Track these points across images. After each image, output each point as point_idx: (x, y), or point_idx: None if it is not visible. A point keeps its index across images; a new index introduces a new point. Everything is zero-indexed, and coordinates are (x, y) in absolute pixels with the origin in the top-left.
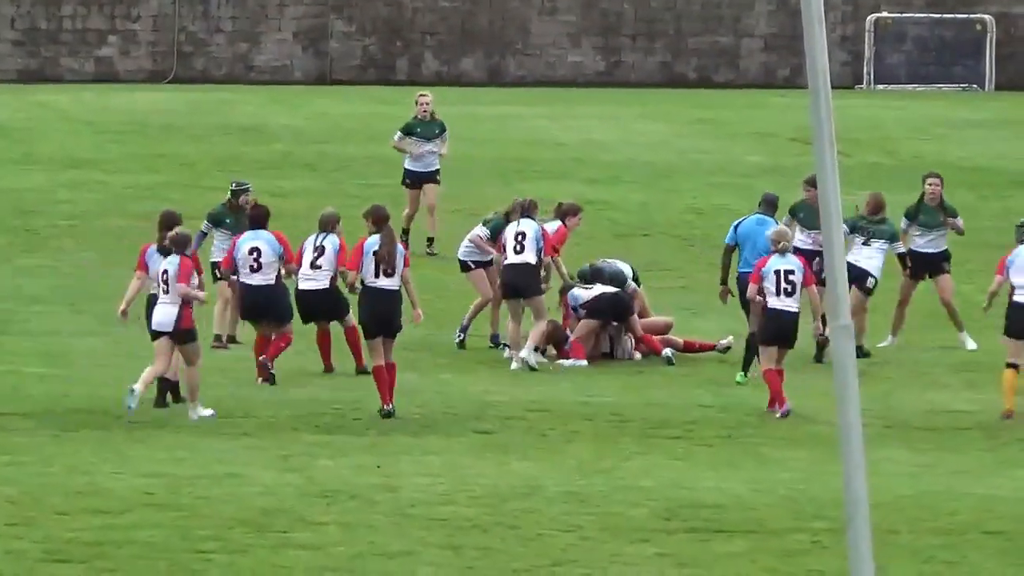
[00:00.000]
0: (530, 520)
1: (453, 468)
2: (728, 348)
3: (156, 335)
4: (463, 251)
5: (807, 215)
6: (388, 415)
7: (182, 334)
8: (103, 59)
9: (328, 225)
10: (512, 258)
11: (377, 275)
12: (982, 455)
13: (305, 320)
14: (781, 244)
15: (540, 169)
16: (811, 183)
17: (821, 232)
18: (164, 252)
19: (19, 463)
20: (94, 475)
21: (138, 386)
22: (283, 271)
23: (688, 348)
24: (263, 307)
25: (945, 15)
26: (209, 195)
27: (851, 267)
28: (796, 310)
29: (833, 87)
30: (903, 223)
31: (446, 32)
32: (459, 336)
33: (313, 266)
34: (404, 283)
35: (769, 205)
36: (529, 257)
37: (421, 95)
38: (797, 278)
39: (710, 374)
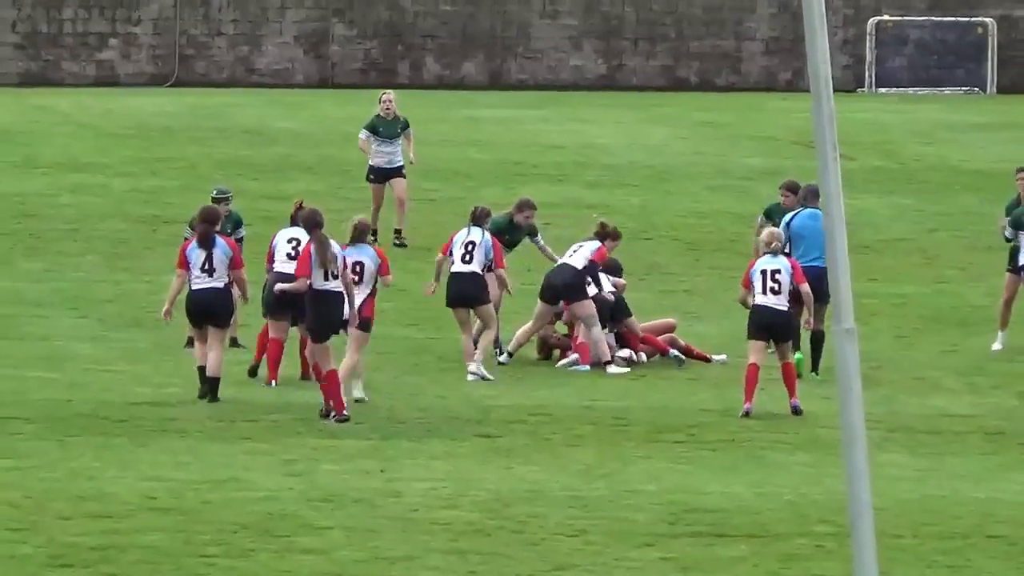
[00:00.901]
0: (533, 524)
1: (456, 472)
2: (722, 365)
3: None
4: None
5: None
6: (344, 420)
7: (365, 322)
8: (104, 63)
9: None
10: (460, 267)
11: (326, 278)
12: (985, 459)
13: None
14: (773, 245)
15: (541, 172)
16: (790, 188)
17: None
18: (204, 246)
19: (22, 468)
20: (97, 480)
21: (357, 394)
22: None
23: (687, 352)
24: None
25: (946, 18)
26: (210, 199)
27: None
28: (782, 308)
29: (835, 90)
30: (1002, 220)
31: (447, 36)
32: (501, 356)
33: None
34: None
35: (816, 197)
36: (477, 266)
37: (384, 94)
38: (784, 278)
39: (713, 378)
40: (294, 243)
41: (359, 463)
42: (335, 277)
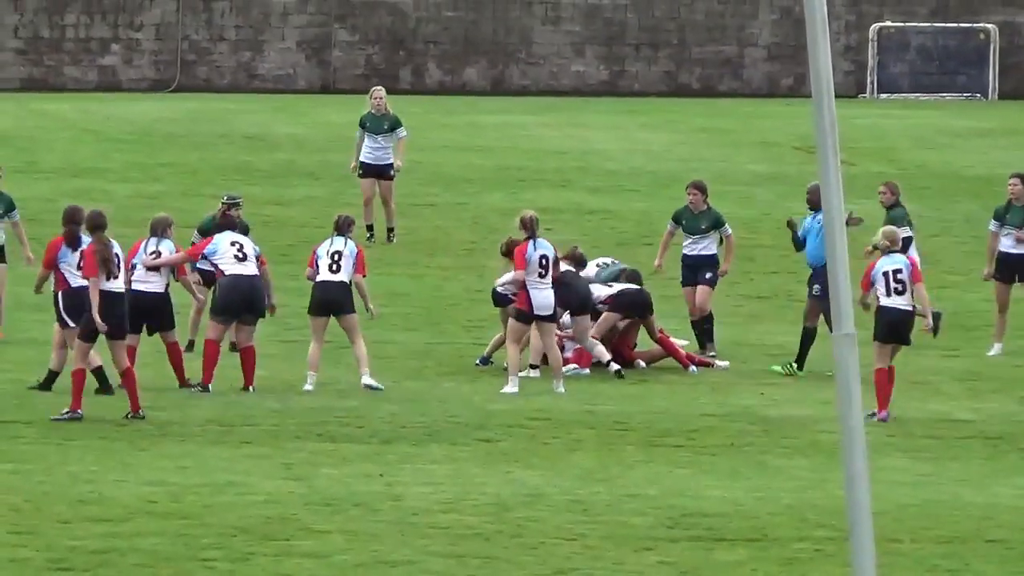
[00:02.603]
0: (533, 529)
1: (456, 477)
2: (724, 370)
3: (538, 318)
4: (504, 287)
5: (689, 220)
6: (73, 416)
7: (557, 314)
8: (106, 68)
9: (159, 229)
10: (327, 275)
11: (108, 278)
12: (983, 464)
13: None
14: (882, 244)
15: (542, 178)
16: (698, 187)
17: (703, 236)
18: (72, 245)
19: (23, 471)
20: (97, 483)
21: (560, 390)
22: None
23: (688, 359)
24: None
25: (948, 24)
26: (212, 204)
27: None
28: (908, 308)
29: (836, 96)
30: (992, 224)
31: (449, 41)
32: (480, 363)
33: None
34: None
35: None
36: (344, 276)
37: (375, 90)
38: (905, 276)
39: (713, 383)
40: (237, 246)
41: (359, 467)
42: (115, 278)
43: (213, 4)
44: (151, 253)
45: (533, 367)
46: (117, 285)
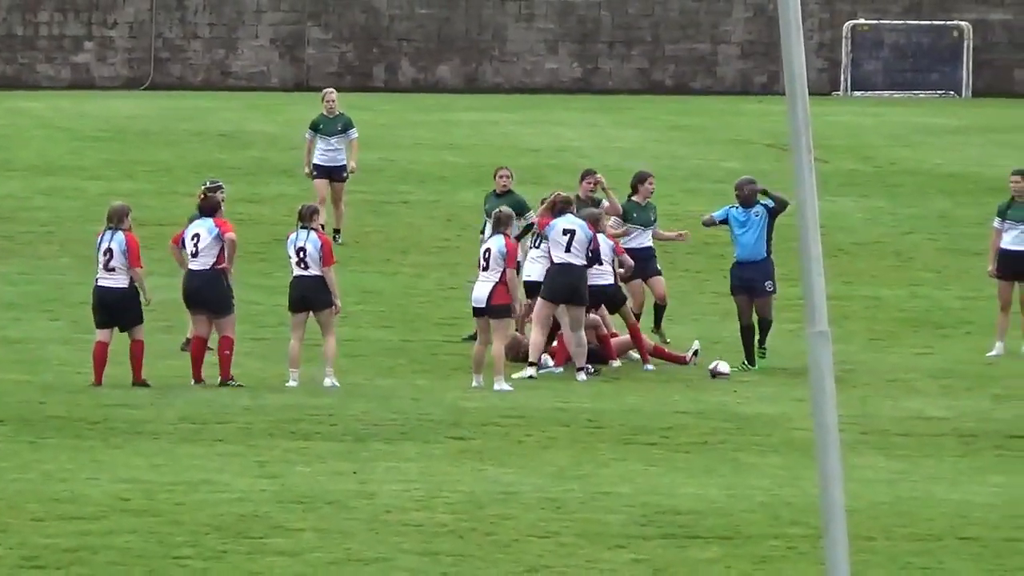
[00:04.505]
0: (506, 526)
1: (429, 474)
2: (696, 353)
3: (477, 311)
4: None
5: (640, 213)
6: None
7: (495, 309)
8: (80, 66)
9: (116, 219)
10: (298, 271)
11: None
12: (957, 462)
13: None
14: None
15: (516, 176)
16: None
17: (648, 228)
18: None
19: None
20: (71, 482)
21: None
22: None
23: (657, 353)
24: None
25: (922, 22)
26: (186, 201)
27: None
28: None
29: (810, 94)
30: (995, 221)
31: (423, 39)
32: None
33: (107, 268)
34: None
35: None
36: (316, 270)
37: (328, 92)
38: None
39: (686, 380)
40: (195, 240)
41: (332, 465)
42: None
43: (186, 2)
44: (104, 251)
45: (531, 364)
46: None
